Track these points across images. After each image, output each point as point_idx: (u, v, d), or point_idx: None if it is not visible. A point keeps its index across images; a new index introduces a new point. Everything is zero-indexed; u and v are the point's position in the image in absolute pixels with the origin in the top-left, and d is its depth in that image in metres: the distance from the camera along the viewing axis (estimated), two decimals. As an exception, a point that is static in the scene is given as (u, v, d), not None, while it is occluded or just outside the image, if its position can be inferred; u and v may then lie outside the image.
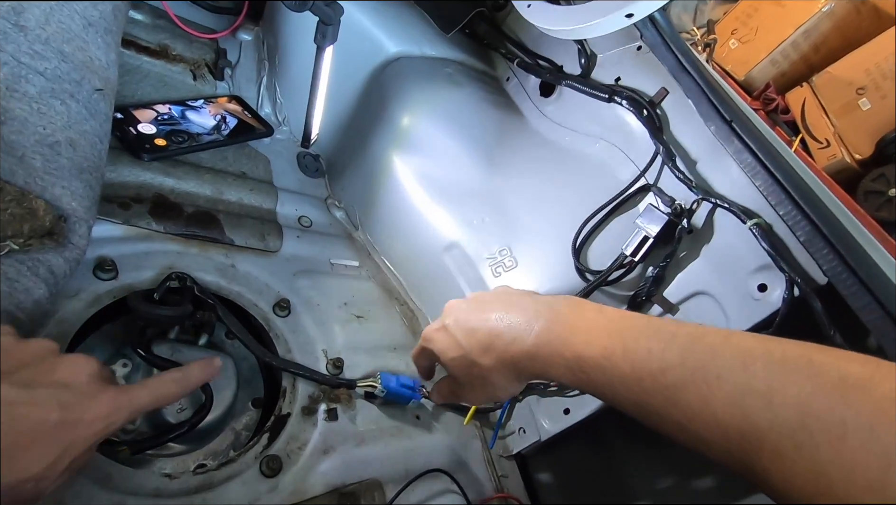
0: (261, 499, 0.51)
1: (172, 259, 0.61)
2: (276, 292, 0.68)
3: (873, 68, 1.85)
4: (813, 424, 0.26)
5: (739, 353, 0.30)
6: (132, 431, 0.52)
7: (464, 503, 0.64)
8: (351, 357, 0.68)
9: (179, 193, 0.67)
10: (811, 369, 0.28)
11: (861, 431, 0.25)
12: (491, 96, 0.85)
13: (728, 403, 0.29)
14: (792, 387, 0.28)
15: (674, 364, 0.32)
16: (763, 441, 0.28)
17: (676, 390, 0.31)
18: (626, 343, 0.35)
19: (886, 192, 1.83)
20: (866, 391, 0.26)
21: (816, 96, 2.04)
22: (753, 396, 0.28)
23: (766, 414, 0.28)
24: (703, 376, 0.30)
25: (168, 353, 0.56)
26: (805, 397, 0.27)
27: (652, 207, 0.60)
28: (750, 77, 2.20)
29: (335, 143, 0.90)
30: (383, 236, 0.84)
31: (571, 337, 0.38)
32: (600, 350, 0.36)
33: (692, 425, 0.31)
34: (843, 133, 1.94)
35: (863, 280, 0.41)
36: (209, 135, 0.73)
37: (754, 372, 0.29)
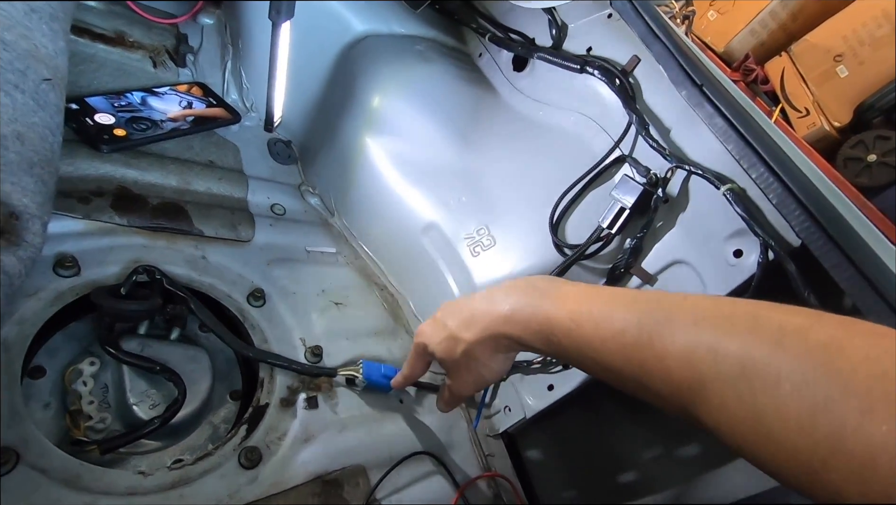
0: (240, 491, 0.51)
1: (138, 253, 0.59)
2: (250, 282, 0.66)
3: (850, 35, 1.84)
4: (752, 373, 0.27)
5: (692, 311, 0.32)
6: (103, 430, 0.51)
7: (450, 484, 0.64)
8: (330, 344, 0.66)
9: (143, 185, 0.65)
10: (755, 323, 0.29)
11: (794, 376, 0.26)
12: (463, 73, 0.83)
13: (679, 359, 0.31)
14: (735, 339, 0.29)
15: (632, 324, 0.34)
16: (709, 393, 0.29)
17: (634, 349, 0.33)
18: (591, 308, 0.37)
19: (865, 158, 1.84)
20: (802, 340, 0.27)
21: (795, 65, 2.04)
22: (702, 350, 0.30)
23: (712, 367, 0.29)
24: (659, 334, 0.32)
25: (138, 348, 0.55)
26: (746, 349, 0.28)
27: (627, 178, 0.59)
28: (729, 48, 2.19)
29: (307, 127, 0.88)
30: (360, 221, 0.82)
31: (543, 303, 0.40)
32: (568, 314, 0.38)
33: (649, 382, 0.33)
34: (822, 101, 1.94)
35: (835, 239, 0.41)
36: (173, 122, 0.70)
37: (703, 328, 0.30)
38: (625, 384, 0.36)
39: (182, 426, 0.55)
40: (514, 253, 0.69)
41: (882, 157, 1.84)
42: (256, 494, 0.51)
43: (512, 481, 0.70)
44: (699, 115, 0.52)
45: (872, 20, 1.83)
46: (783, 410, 0.26)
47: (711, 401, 0.29)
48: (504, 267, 0.69)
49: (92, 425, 0.50)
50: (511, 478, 0.71)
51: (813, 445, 0.25)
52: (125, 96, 0.69)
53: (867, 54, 1.86)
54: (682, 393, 0.31)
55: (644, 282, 0.61)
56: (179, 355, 0.57)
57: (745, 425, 0.28)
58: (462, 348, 0.46)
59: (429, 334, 0.50)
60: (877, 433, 0.23)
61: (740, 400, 0.28)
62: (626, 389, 0.36)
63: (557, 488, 0.76)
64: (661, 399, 0.33)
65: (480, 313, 0.44)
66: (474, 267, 0.71)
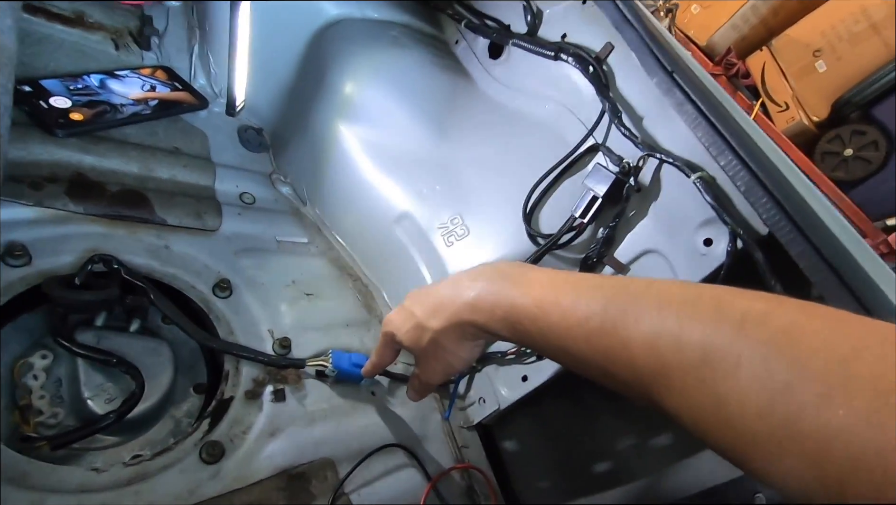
0: (201, 486, 0.49)
1: (96, 242, 0.57)
2: (216, 273, 0.64)
3: (829, 30, 1.86)
4: (713, 360, 0.27)
5: (657, 297, 0.31)
6: (55, 426, 0.49)
7: (422, 477, 0.63)
8: (299, 336, 0.65)
9: (101, 171, 0.63)
10: (717, 309, 0.29)
11: (754, 361, 0.26)
12: (439, 60, 0.82)
13: (643, 346, 0.30)
14: (698, 325, 0.28)
15: (597, 311, 0.33)
16: (672, 379, 0.29)
17: (599, 336, 0.33)
18: (557, 295, 0.36)
19: (842, 152, 1.86)
20: (763, 325, 0.27)
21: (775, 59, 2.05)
22: (665, 336, 0.29)
23: (674, 354, 0.29)
24: (623, 321, 0.31)
25: (94, 341, 0.53)
26: (708, 335, 0.28)
27: (599, 167, 0.59)
28: (712, 42, 2.20)
29: (278, 114, 0.85)
30: (333, 211, 0.80)
31: (509, 290, 0.39)
32: (533, 301, 0.37)
33: (614, 369, 0.32)
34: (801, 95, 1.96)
35: (800, 227, 0.41)
36: (134, 106, 0.67)
37: (667, 315, 0.30)
38: (590, 372, 0.35)
39: (142, 421, 0.54)
40: (487, 243, 0.68)
41: (858, 151, 1.87)
42: (218, 489, 0.49)
43: (485, 472, 0.70)
44: (670, 102, 0.51)
45: (850, 16, 1.85)
46: (743, 396, 0.26)
47: (674, 387, 0.29)
48: (478, 257, 0.68)
49: (43, 421, 0.48)
50: (484, 469, 0.70)
51: (770, 430, 0.25)
52: (82, 79, 0.66)
53: (845, 50, 1.88)
54: (645, 380, 0.31)
55: (616, 271, 0.60)
56: (139, 348, 0.55)
57: (707, 412, 0.28)
58: (428, 337, 0.45)
59: (396, 323, 0.49)
60: (833, 418, 0.23)
61: (702, 386, 0.28)
62: (592, 378, 0.36)
63: (532, 478, 0.76)
64: (626, 386, 0.33)
65: (446, 301, 0.43)
66: (448, 257, 0.70)
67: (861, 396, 0.23)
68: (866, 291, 0.38)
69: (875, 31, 1.74)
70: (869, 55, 1.76)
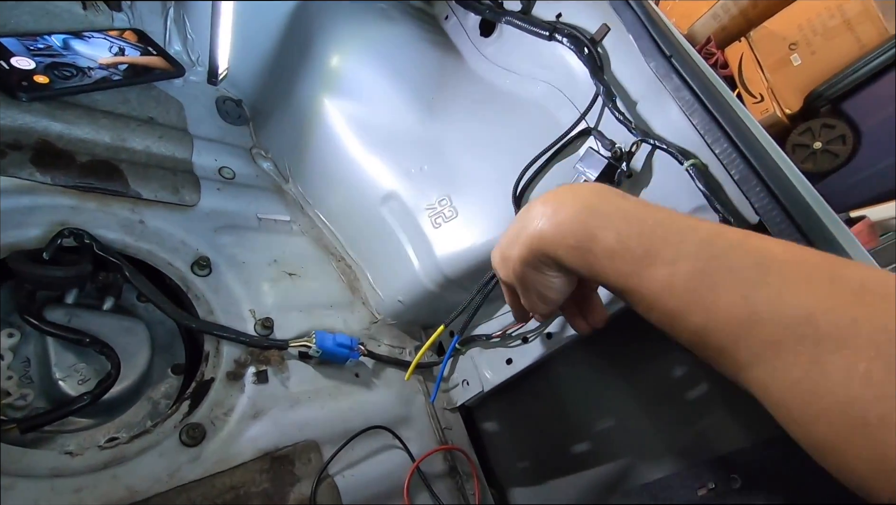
0: (181, 469, 0.48)
1: (65, 214, 0.54)
2: (195, 250, 0.62)
3: (805, 24, 1.90)
4: (821, 318, 0.24)
5: (757, 253, 0.28)
6: (24, 408, 0.46)
7: (406, 458, 0.63)
8: (282, 317, 0.63)
9: (70, 140, 0.59)
10: (832, 273, 0.26)
11: (875, 332, 0.23)
12: (428, 35, 0.79)
13: (735, 294, 0.27)
14: (806, 285, 0.25)
15: (689, 255, 0.29)
16: (761, 329, 0.26)
17: (688, 279, 0.29)
18: (642, 229, 0.32)
19: (811, 145, 1.92)
20: (887, 299, 0.24)
21: (753, 51, 2.09)
22: (765, 289, 0.26)
23: (772, 305, 0.26)
24: (717, 267, 0.28)
25: (65, 319, 0.50)
26: (820, 296, 0.25)
27: (592, 151, 0.58)
28: (692, 31, 2.21)
29: (260, 86, 0.82)
30: (316, 188, 0.78)
31: (589, 219, 0.34)
32: (615, 234, 0.32)
33: (693, 317, 0.29)
34: (776, 88, 2.00)
35: (791, 216, 0.41)
36: (102, 70, 0.63)
37: (768, 269, 0.27)
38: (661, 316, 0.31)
39: (117, 402, 0.52)
40: (476, 225, 0.67)
41: (826, 144, 1.92)
42: (199, 472, 0.48)
43: (468, 454, 0.70)
44: (666, 88, 0.51)
45: (826, 10, 1.89)
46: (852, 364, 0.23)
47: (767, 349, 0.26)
48: (466, 239, 0.67)
49: (11, 403, 0.46)
50: (467, 450, 0.71)
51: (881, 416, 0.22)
52: (43, 38, 0.61)
53: (819, 44, 1.92)
54: (727, 334, 0.27)
55: (605, 257, 0.60)
56: (113, 327, 0.53)
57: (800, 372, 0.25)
58: (513, 266, 0.41)
59: (494, 261, 0.45)
60: None
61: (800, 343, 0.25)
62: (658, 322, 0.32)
63: (513, 459, 0.77)
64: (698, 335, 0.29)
65: (523, 227, 0.38)
66: (435, 239, 0.69)
67: None
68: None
69: (848, 27, 1.78)
70: (842, 50, 1.80)
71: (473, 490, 0.67)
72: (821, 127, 1.90)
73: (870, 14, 1.81)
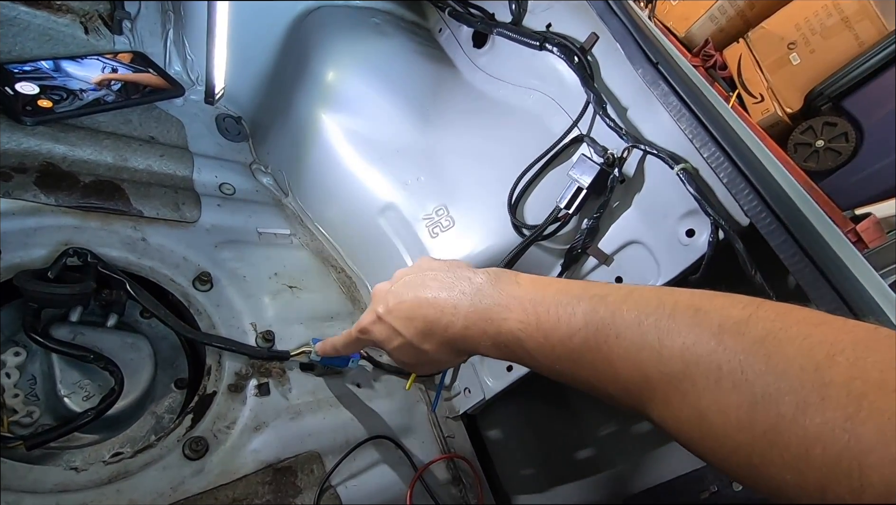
0: (185, 483, 0.48)
1: (69, 234, 0.55)
2: (196, 266, 0.63)
3: (803, 23, 1.90)
4: (694, 371, 0.28)
5: (636, 309, 0.31)
6: (31, 425, 0.47)
7: (409, 467, 0.64)
8: (283, 329, 0.64)
9: (73, 161, 0.60)
10: (696, 318, 0.29)
11: (733, 373, 0.26)
12: (422, 48, 0.80)
13: (626, 360, 0.31)
14: (678, 337, 0.29)
15: (579, 328, 0.33)
16: (655, 392, 0.30)
17: (582, 353, 0.33)
18: (538, 314, 0.36)
19: (813, 143, 1.91)
20: (741, 335, 0.27)
21: (752, 52, 2.09)
22: (647, 350, 0.30)
23: (657, 366, 0.29)
24: (605, 337, 0.32)
25: (69, 336, 0.51)
26: (689, 346, 0.28)
27: (584, 158, 0.59)
28: (690, 33, 2.22)
29: (258, 103, 0.83)
30: (315, 202, 0.79)
31: (492, 314, 0.38)
32: (517, 324, 0.37)
33: (599, 384, 0.33)
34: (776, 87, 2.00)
35: (781, 219, 0.42)
36: (95, 91, 0.64)
37: (647, 328, 0.30)
38: (577, 385, 0.35)
39: (122, 418, 0.52)
40: (473, 234, 0.68)
41: (829, 142, 1.91)
42: (202, 485, 0.49)
43: (471, 462, 0.70)
44: (654, 94, 0.51)
45: (823, 9, 1.89)
46: (724, 408, 0.26)
47: (658, 400, 0.30)
48: (463, 248, 0.68)
49: (18, 420, 0.47)
50: (470, 458, 0.71)
51: (752, 441, 0.26)
52: (32, 63, 0.62)
53: (818, 43, 1.92)
54: (630, 393, 0.31)
55: (600, 262, 0.61)
56: (117, 343, 0.54)
57: (690, 423, 0.28)
58: (424, 355, 0.45)
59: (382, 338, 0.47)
60: (811, 426, 0.24)
61: (684, 399, 0.28)
62: (579, 389, 0.36)
63: (516, 466, 0.77)
64: (612, 399, 0.33)
65: (438, 328, 0.42)
66: (433, 248, 0.70)
67: (835, 403, 0.23)
68: (843, 280, 0.39)
69: (847, 24, 1.78)
70: (841, 48, 1.80)
71: (477, 498, 0.67)
72: (822, 125, 1.90)
73: (867, 11, 1.81)
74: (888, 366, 0.23)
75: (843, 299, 0.38)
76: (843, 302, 0.39)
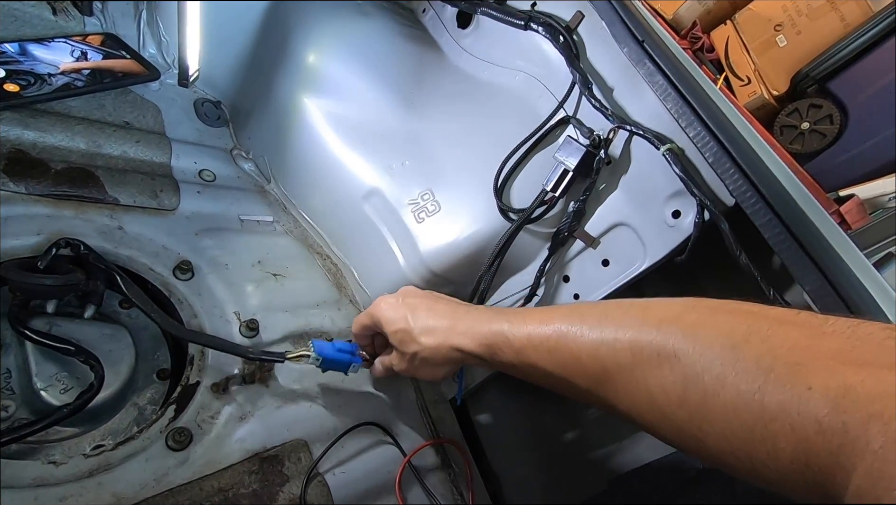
0: (169, 474, 0.48)
1: (40, 224, 0.53)
2: (176, 254, 0.61)
3: (790, 5, 1.89)
4: (641, 358, 0.32)
5: (599, 313, 0.37)
6: (6, 419, 0.46)
7: (398, 453, 0.63)
8: (267, 318, 0.63)
9: (44, 148, 0.58)
10: (643, 315, 0.34)
11: (669, 357, 0.30)
12: (405, 29, 0.79)
13: (589, 354, 0.36)
14: (627, 330, 0.34)
15: (554, 331, 0.39)
16: (615, 381, 0.34)
17: (556, 351, 0.39)
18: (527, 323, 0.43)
19: (799, 126, 1.92)
20: (676, 322, 0.31)
21: (739, 34, 2.08)
22: (604, 344, 0.35)
23: (612, 357, 0.34)
24: (574, 337, 0.37)
25: (45, 327, 0.50)
26: (635, 337, 0.33)
27: (570, 140, 0.58)
28: (678, 15, 2.20)
29: (238, 87, 0.81)
30: (298, 188, 0.78)
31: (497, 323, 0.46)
32: (510, 328, 0.44)
33: (571, 378, 0.38)
34: (763, 70, 2.00)
35: (766, 198, 0.41)
36: (63, 76, 0.61)
37: (605, 325, 0.35)
38: (556, 385, 0.41)
39: (102, 410, 0.51)
40: (459, 218, 0.67)
41: (814, 125, 1.92)
42: (187, 476, 0.48)
43: (460, 445, 0.71)
44: (640, 73, 0.51)
45: (810, -10, 1.88)
46: (665, 387, 0.30)
47: (618, 389, 0.34)
48: (449, 233, 0.67)
49: (-8, 414, 0.46)
50: (459, 442, 0.71)
51: (689, 416, 0.29)
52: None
53: (804, 24, 1.92)
54: (597, 385, 0.36)
55: (587, 245, 0.60)
56: (96, 334, 0.53)
57: (644, 407, 0.32)
58: (415, 348, 0.51)
59: (390, 316, 0.53)
60: (728, 399, 0.27)
61: (637, 384, 0.32)
62: (560, 390, 0.41)
63: (506, 449, 0.78)
64: (586, 395, 0.38)
65: (441, 327, 0.50)
66: (419, 233, 0.69)
67: (746, 377, 0.26)
68: (827, 259, 0.39)
69: (833, 6, 1.78)
70: (826, 30, 1.80)
71: (466, 482, 0.68)
72: (808, 107, 1.90)
73: (853, -8, 1.80)
74: (795, 342, 0.26)
75: (828, 278, 0.38)
76: (826, 281, 0.39)
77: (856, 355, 0.24)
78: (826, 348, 0.25)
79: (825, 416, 0.23)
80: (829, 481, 0.23)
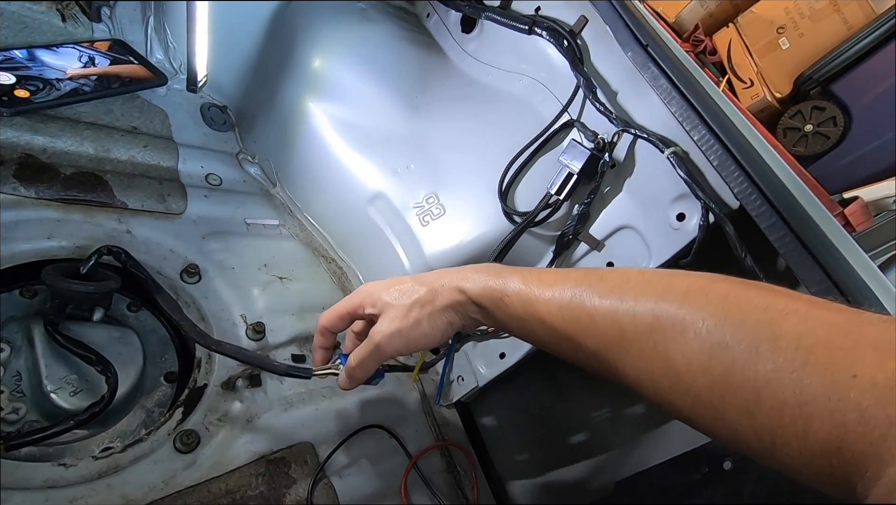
0: (177, 476, 0.48)
1: (50, 228, 0.54)
2: (184, 258, 0.62)
3: (792, 7, 1.89)
4: (663, 324, 0.31)
5: (618, 278, 0.36)
6: (17, 421, 0.46)
7: (403, 456, 0.64)
8: (273, 321, 0.64)
9: (54, 153, 0.59)
10: (667, 282, 0.33)
11: (695, 324, 0.30)
12: (410, 34, 0.79)
13: (605, 315, 0.35)
14: (650, 296, 0.33)
15: (569, 287, 0.38)
16: (630, 343, 0.33)
17: (570, 308, 0.37)
18: (540, 276, 0.41)
19: (802, 128, 1.92)
20: (705, 295, 0.31)
21: (741, 36, 2.08)
22: (623, 307, 0.34)
23: (630, 321, 0.33)
24: (590, 296, 0.36)
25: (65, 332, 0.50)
26: (659, 305, 0.32)
27: (575, 143, 0.58)
28: (680, 18, 2.21)
29: (244, 91, 0.82)
30: (304, 191, 0.78)
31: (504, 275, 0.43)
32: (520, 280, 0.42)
33: (580, 337, 0.36)
34: (765, 72, 2.00)
35: (771, 201, 0.42)
36: (72, 81, 0.62)
37: (626, 290, 0.34)
38: (561, 345, 0.39)
39: (111, 412, 0.52)
40: (464, 222, 0.68)
41: (818, 127, 1.92)
42: (194, 478, 0.49)
43: (465, 449, 0.71)
44: (644, 77, 0.51)
45: (812, -8, 1.88)
46: (688, 354, 0.29)
47: (632, 351, 0.33)
48: (454, 236, 0.67)
49: (3, 417, 0.46)
50: (464, 445, 0.71)
51: (711, 384, 0.28)
52: (6, 52, 0.60)
53: (807, 27, 1.92)
54: (608, 346, 0.35)
55: (591, 248, 0.61)
56: (104, 337, 0.53)
57: (659, 372, 0.31)
58: (416, 295, 0.45)
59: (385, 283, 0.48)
60: (762, 371, 0.26)
61: (654, 349, 0.31)
62: (562, 352, 0.39)
63: (511, 452, 0.78)
64: (591, 357, 0.37)
65: (447, 275, 0.46)
66: (424, 237, 0.69)
67: (785, 354, 0.25)
68: (832, 261, 0.39)
69: (835, 7, 1.78)
70: (829, 32, 1.80)
71: (472, 485, 0.68)
72: (811, 109, 1.90)
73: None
74: (836, 327, 0.25)
75: (833, 280, 0.38)
76: (832, 283, 0.39)
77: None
78: (869, 336, 0.24)
79: (870, 406, 0.22)
80: (858, 471, 0.22)
